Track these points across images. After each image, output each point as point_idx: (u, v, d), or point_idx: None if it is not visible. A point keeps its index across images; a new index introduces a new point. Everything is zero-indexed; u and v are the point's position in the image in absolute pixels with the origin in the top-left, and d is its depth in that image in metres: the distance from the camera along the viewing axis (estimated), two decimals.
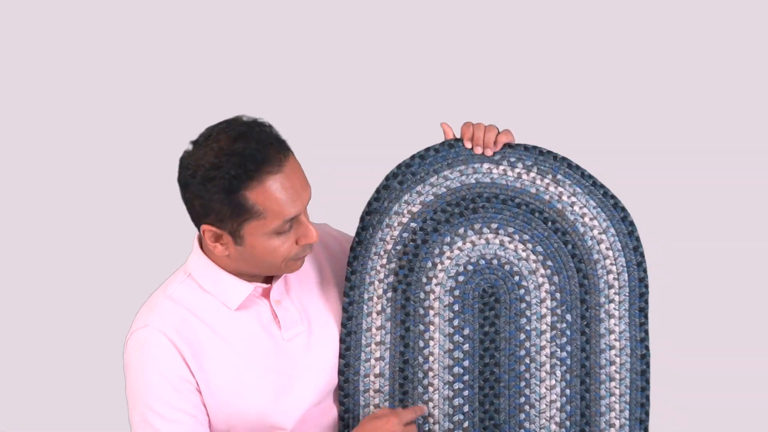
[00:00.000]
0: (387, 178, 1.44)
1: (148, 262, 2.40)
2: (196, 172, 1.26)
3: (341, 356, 1.42)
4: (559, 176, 1.43)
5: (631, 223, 1.43)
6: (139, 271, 2.40)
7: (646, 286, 1.43)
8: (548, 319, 1.43)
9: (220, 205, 1.26)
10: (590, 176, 1.43)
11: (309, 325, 1.42)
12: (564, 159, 1.43)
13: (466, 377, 1.43)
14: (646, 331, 1.42)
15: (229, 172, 1.24)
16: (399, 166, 1.44)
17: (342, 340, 1.43)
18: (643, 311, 1.43)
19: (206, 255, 1.37)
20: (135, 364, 1.34)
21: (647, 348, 1.42)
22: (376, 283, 1.44)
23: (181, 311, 1.35)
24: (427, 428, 1.43)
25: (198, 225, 1.32)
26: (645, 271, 1.43)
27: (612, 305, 1.42)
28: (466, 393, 1.42)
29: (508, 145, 1.43)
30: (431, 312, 1.43)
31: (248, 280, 1.37)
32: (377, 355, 1.43)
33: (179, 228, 2.40)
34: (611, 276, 1.42)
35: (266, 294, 1.39)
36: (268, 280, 1.41)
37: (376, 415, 1.39)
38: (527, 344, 1.43)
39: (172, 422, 1.32)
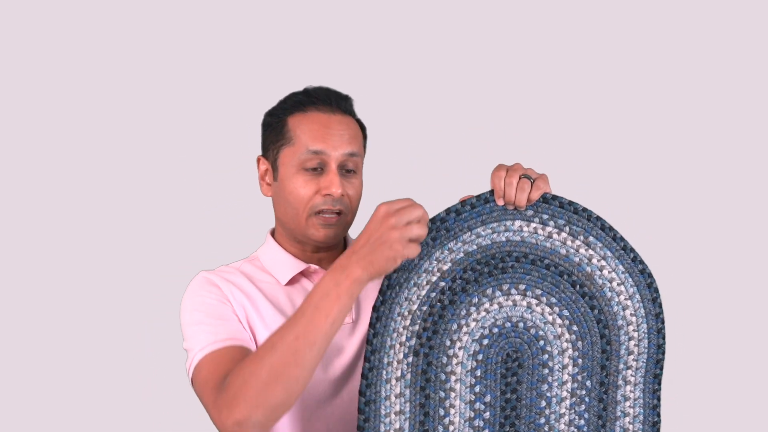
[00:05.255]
0: None
1: (147, 262, 2.41)
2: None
3: (359, 429, 1.28)
4: (590, 238, 1.36)
5: (656, 290, 1.38)
6: (139, 273, 2.41)
7: (663, 353, 1.40)
8: (569, 385, 1.37)
9: (268, 129, 1.44)
10: (622, 239, 1.37)
11: (358, 317, 1.45)
12: (598, 219, 1.36)
13: None
14: (659, 398, 1.40)
15: (285, 102, 1.44)
16: (433, 221, 1.31)
17: (361, 411, 1.29)
18: (657, 378, 1.40)
19: (275, 241, 1.48)
20: (185, 300, 1.38)
21: (659, 415, 1.40)
22: (397, 346, 1.30)
23: (237, 275, 1.43)
24: None
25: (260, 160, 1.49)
26: (664, 337, 1.39)
27: (629, 371, 1.39)
28: None
29: (543, 199, 1.33)
30: (453, 378, 1.33)
31: (305, 260, 1.46)
32: (396, 426, 1.30)
33: (177, 230, 2.27)
34: (632, 342, 1.38)
35: None
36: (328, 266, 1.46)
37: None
38: (547, 412, 1.36)
39: (219, 319, 1.34)
